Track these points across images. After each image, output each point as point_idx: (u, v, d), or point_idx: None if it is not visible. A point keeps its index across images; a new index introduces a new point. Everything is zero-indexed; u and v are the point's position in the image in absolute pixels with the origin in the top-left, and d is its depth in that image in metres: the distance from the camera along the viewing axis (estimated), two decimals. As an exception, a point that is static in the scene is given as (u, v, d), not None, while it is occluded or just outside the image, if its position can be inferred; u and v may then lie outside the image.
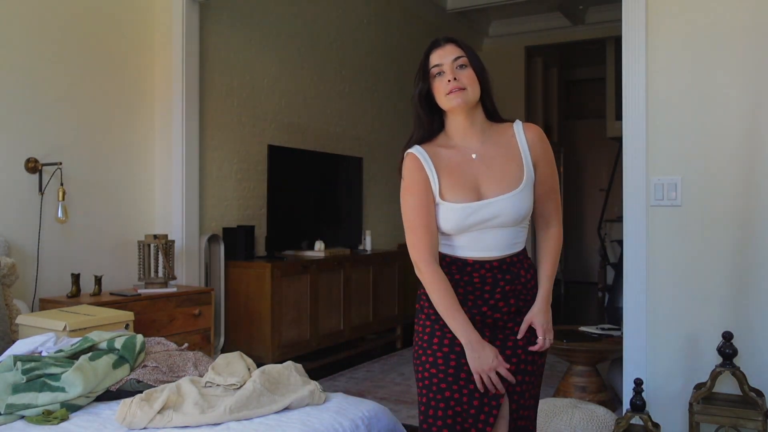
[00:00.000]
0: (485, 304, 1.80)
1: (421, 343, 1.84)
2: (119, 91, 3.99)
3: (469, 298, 1.80)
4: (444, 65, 1.82)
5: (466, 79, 1.81)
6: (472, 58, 1.84)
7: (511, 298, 1.81)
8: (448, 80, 1.80)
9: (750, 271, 2.65)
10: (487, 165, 1.82)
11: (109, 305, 3.26)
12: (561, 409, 2.90)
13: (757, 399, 2.42)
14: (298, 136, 5.40)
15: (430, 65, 1.85)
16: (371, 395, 4.10)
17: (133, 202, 4.08)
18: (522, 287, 1.83)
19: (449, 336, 1.78)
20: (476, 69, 1.84)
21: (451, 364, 1.77)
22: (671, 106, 2.79)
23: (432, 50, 1.87)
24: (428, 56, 1.87)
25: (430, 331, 1.82)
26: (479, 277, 1.80)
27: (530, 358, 1.83)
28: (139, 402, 2.03)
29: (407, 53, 7.03)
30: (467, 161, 1.83)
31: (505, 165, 1.83)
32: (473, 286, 1.80)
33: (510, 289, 1.81)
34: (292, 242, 5.02)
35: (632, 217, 2.85)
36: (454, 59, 1.82)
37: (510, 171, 1.82)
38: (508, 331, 1.82)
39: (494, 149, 1.85)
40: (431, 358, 1.80)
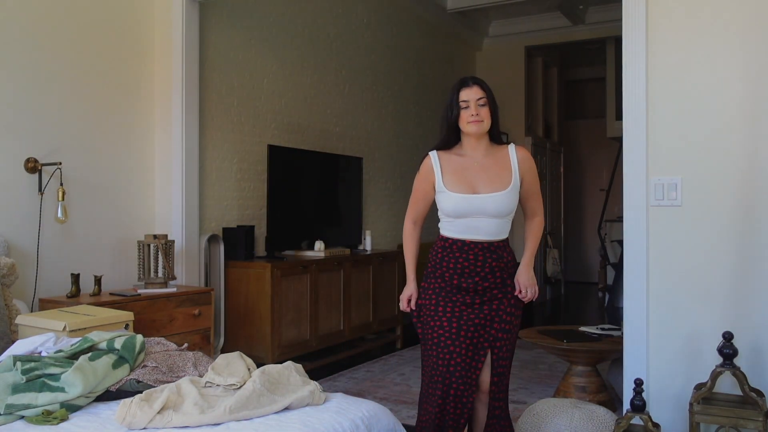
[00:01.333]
0: (477, 276, 2.48)
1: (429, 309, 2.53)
2: (119, 91, 3.99)
3: (466, 271, 2.48)
4: (470, 101, 2.46)
5: (484, 114, 2.46)
6: (490, 99, 2.49)
7: (497, 271, 2.50)
8: (471, 114, 2.45)
9: (750, 271, 2.65)
10: (484, 171, 2.49)
11: (108, 305, 3.26)
12: (561, 409, 2.90)
13: (758, 399, 2.42)
14: (298, 136, 5.40)
15: (459, 99, 2.47)
16: (371, 395, 4.10)
17: (133, 202, 4.08)
18: (504, 265, 2.52)
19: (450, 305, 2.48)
20: (491, 108, 2.49)
21: (453, 325, 2.46)
22: (671, 106, 2.79)
23: (462, 88, 2.49)
24: (459, 91, 2.49)
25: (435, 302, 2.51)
26: (473, 255, 2.48)
27: (508, 318, 2.51)
28: (139, 402, 2.02)
29: (407, 53, 7.03)
30: (470, 166, 2.50)
31: (498, 173, 2.49)
32: (469, 261, 2.48)
33: (496, 266, 2.49)
34: (292, 242, 5.02)
35: (632, 217, 2.85)
36: (478, 98, 2.46)
37: (501, 177, 2.48)
38: (494, 297, 2.49)
39: (492, 161, 2.51)
40: (438, 322, 2.49)
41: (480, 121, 2.45)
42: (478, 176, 2.47)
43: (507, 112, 8.31)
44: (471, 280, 2.47)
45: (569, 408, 2.91)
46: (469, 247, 2.48)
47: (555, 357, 4.50)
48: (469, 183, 2.46)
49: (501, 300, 2.50)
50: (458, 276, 2.49)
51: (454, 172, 2.50)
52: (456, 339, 2.46)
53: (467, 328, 2.46)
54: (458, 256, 2.48)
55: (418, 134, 7.20)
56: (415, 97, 7.15)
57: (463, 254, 2.48)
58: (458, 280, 2.49)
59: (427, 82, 7.40)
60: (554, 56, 9.47)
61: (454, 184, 2.48)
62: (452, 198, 2.47)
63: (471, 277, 2.47)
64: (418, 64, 7.22)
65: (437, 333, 2.48)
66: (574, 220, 10.50)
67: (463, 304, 2.48)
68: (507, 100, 8.29)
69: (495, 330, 2.49)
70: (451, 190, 2.47)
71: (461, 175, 2.48)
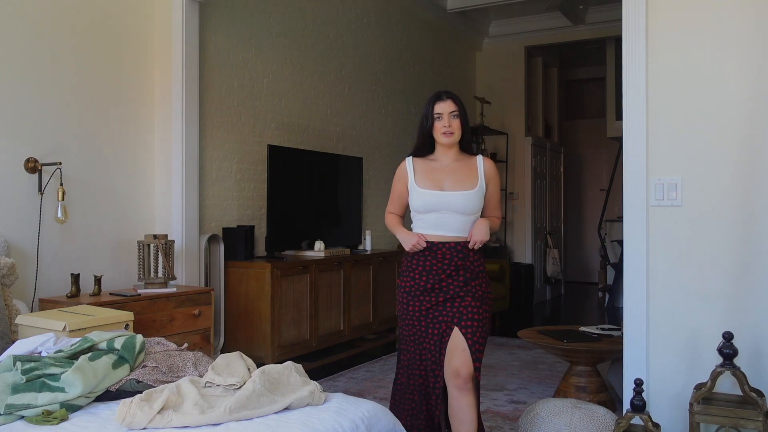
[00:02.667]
0: (444, 273, 2.71)
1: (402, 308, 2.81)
2: (119, 91, 3.99)
3: (433, 269, 2.72)
4: (443, 114, 2.75)
5: (455, 126, 2.75)
6: (461, 112, 2.77)
7: (461, 270, 2.72)
8: (444, 125, 2.74)
9: (750, 271, 2.65)
10: (453, 173, 2.78)
11: (108, 305, 3.26)
12: (561, 409, 2.90)
13: (758, 399, 2.42)
14: (298, 136, 5.40)
15: (434, 111, 2.76)
16: (371, 395, 4.10)
17: (133, 202, 4.08)
18: (470, 264, 2.74)
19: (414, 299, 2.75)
20: (462, 120, 2.77)
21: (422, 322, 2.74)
22: (671, 106, 2.79)
23: (437, 101, 2.77)
24: (434, 104, 2.76)
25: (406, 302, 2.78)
26: (441, 254, 2.73)
27: (472, 313, 2.69)
28: (139, 402, 2.02)
29: (407, 53, 7.03)
30: (440, 169, 2.80)
31: (466, 175, 2.77)
32: (437, 259, 2.73)
33: (461, 264, 2.72)
34: (292, 242, 5.01)
35: (632, 217, 2.85)
36: (450, 111, 2.75)
37: (467, 180, 2.76)
38: (456, 295, 2.70)
39: (460, 166, 2.80)
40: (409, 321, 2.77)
41: (451, 132, 2.73)
42: (447, 177, 2.75)
43: (507, 112, 8.32)
44: (437, 277, 2.70)
45: (569, 408, 2.91)
46: (437, 247, 2.72)
47: (555, 357, 4.50)
48: (438, 182, 2.74)
49: (464, 298, 2.70)
50: (426, 274, 2.72)
51: (424, 172, 2.79)
52: (425, 333, 2.74)
53: (434, 324, 2.72)
54: (427, 255, 2.73)
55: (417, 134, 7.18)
56: (415, 97, 7.15)
57: (432, 253, 2.72)
58: (426, 278, 2.72)
59: (427, 82, 7.39)
60: (554, 56, 9.47)
61: (424, 182, 2.76)
62: (422, 194, 2.74)
63: (438, 275, 2.71)
64: (418, 64, 7.22)
65: (410, 332, 2.78)
66: (574, 220, 10.50)
67: (428, 302, 2.72)
68: (507, 100, 8.30)
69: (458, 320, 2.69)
70: (421, 188, 2.75)
71: (431, 175, 2.77)
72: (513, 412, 3.83)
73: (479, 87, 8.46)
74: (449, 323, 2.68)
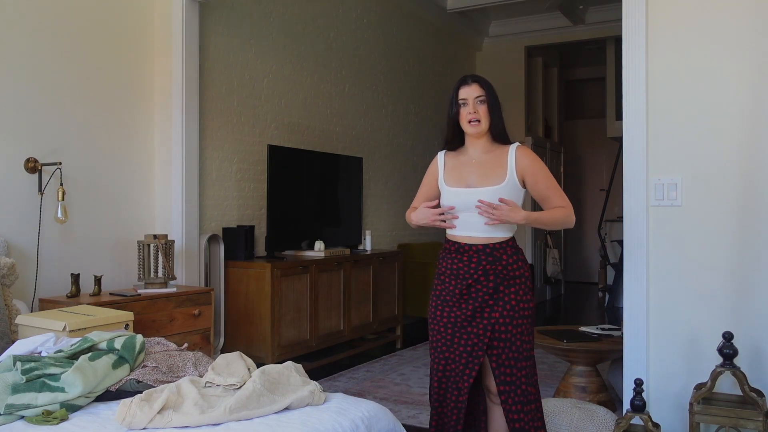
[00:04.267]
0: (471, 278, 2.47)
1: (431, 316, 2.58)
2: (119, 91, 3.99)
3: (460, 273, 2.49)
4: (468, 99, 2.49)
5: (482, 112, 2.48)
6: (489, 97, 2.50)
7: (491, 274, 2.45)
8: (470, 112, 2.48)
9: (750, 271, 2.65)
10: (479, 167, 2.52)
11: (108, 305, 3.26)
12: (561, 409, 2.90)
13: (758, 399, 2.42)
14: (298, 136, 5.40)
15: (459, 97, 2.50)
16: (371, 395, 4.10)
17: (133, 202, 4.08)
18: (502, 268, 2.46)
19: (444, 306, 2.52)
20: (490, 105, 2.50)
21: (449, 332, 2.50)
22: (671, 106, 2.79)
23: (461, 86, 2.51)
24: (458, 90, 2.51)
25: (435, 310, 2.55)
26: (467, 257, 2.48)
27: (503, 329, 2.43)
28: (139, 402, 2.02)
29: (407, 53, 7.03)
30: (467, 163, 2.55)
31: (493, 169, 2.50)
32: (463, 263, 2.49)
33: (491, 269, 2.45)
34: (292, 242, 5.02)
35: (632, 217, 2.85)
36: (476, 96, 2.48)
37: (496, 173, 2.49)
38: (485, 305, 2.45)
39: (489, 158, 2.53)
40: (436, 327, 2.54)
41: (478, 120, 2.47)
42: (473, 172, 2.51)
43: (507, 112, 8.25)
44: (465, 282, 2.47)
45: (569, 408, 2.91)
46: (464, 249, 2.50)
47: (555, 357, 4.50)
48: (463, 178, 2.51)
49: (493, 308, 2.45)
50: (454, 278, 2.50)
51: (452, 169, 2.57)
52: (451, 343, 2.51)
53: (462, 335, 2.48)
54: (454, 257, 2.52)
55: (418, 134, 7.20)
56: (415, 97, 7.15)
57: (459, 255, 2.51)
58: (454, 283, 2.50)
59: (427, 82, 7.39)
60: (554, 56, 9.46)
61: (451, 179, 2.55)
62: (448, 193, 2.53)
63: (465, 279, 2.47)
64: (418, 64, 7.22)
65: (435, 338, 2.56)
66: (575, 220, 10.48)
67: (459, 314, 2.49)
68: (507, 100, 8.24)
69: (489, 339, 2.45)
70: (449, 186, 2.54)
71: (458, 171, 2.55)
72: (513, 412, 3.82)
73: (479, 87, 8.44)
74: (481, 338, 2.45)
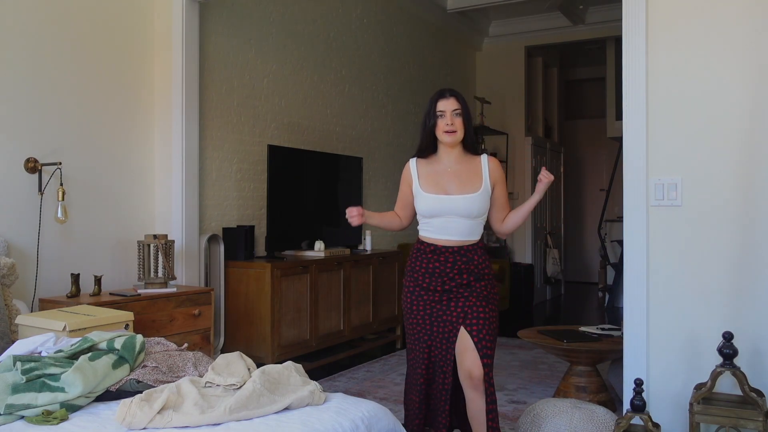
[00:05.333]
0: (446, 276, 2.68)
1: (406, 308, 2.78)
2: (119, 91, 3.99)
3: (436, 272, 2.70)
4: (446, 111, 2.69)
5: (458, 124, 2.69)
6: (464, 110, 2.71)
7: (464, 273, 2.69)
8: (447, 123, 2.68)
9: (750, 271, 2.65)
10: (456, 176, 2.71)
11: (108, 305, 3.26)
12: (561, 409, 2.90)
13: (758, 399, 2.42)
14: (298, 136, 5.40)
15: (437, 109, 2.70)
16: (371, 395, 4.10)
17: (133, 202, 4.08)
18: (474, 267, 2.70)
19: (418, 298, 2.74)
20: (465, 119, 2.71)
21: (426, 321, 2.71)
22: (671, 106, 2.79)
23: (440, 99, 2.71)
24: (436, 102, 2.71)
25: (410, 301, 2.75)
26: (444, 258, 2.70)
27: (476, 309, 2.66)
28: (139, 402, 2.02)
29: (407, 53, 7.03)
30: (443, 171, 2.74)
31: (470, 178, 2.70)
32: (440, 262, 2.69)
33: (465, 268, 2.68)
34: (292, 242, 5.02)
35: (632, 217, 2.85)
36: (453, 109, 2.68)
37: (471, 182, 2.69)
38: (460, 296, 2.68)
39: (463, 168, 2.73)
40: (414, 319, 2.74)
41: (454, 131, 2.67)
42: (450, 180, 2.70)
43: (507, 112, 8.32)
44: (440, 280, 2.68)
45: (569, 408, 2.91)
46: (440, 251, 2.70)
47: (555, 357, 4.50)
48: (442, 186, 2.70)
49: (468, 298, 2.68)
50: (429, 276, 2.71)
51: (428, 176, 2.75)
52: (430, 331, 2.72)
53: (439, 323, 2.70)
54: (431, 258, 2.71)
55: (417, 134, 7.16)
56: (415, 97, 7.15)
57: (435, 256, 2.70)
58: (429, 280, 2.71)
59: (427, 83, 7.39)
60: (554, 56, 9.47)
61: (428, 186, 2.72)
62: (426, 199, 2.71)
63: (441, 277, 2.68)
64: (418, 64, 7.22)
65: (415, 330, 2.75)
66: (574, 220, 10.49)
67: (432, 301, 2.71)
68: (507, 100, 8.30)
69: (464, 319, 2.66)
70: (426, 192, 2.71)
71: (434, 178, 2.72)
72: (513, 412, 3.83)
73: (479, 87, 8.45)
74: (455, 323, 2.67)
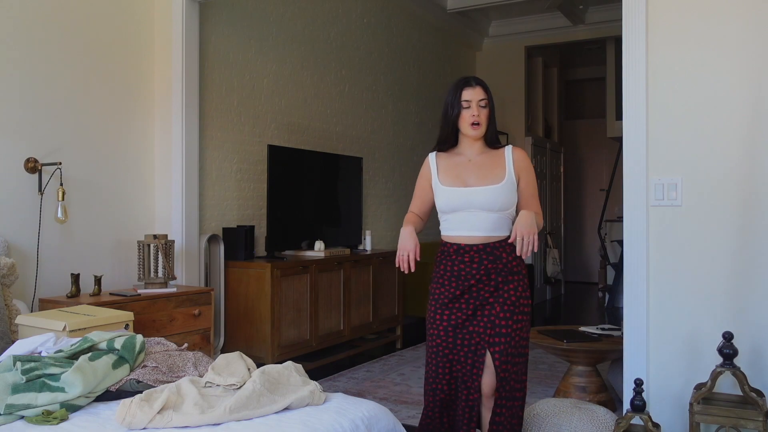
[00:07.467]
0: (473, 278, 2.49)
1: (430, 319, 2.56)
2: (119, 91, 3.99)
3: (462, 275, 2.50)
4: (472, 102, 2.49)
5: (483, 116, 2.51)
6: (490, 101, 2.52)
7: (492, 273, 2.48)
8: (473, 114, 2.49)
9: (750, 271, 2.65)
10: (476, 167, 2.54)
11: (108, 305, 3.26)
12: (561, 409, 2.90)
13: (758, 399, 2.42)
14: (298, 136, 5.40)
15: (462, 98, 2.49)
16: (371, 395, 4.10)
17: (133, 202, 4.08)
18: (502, 267, 2.49)
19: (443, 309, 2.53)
20: (491, 110, 2.53)
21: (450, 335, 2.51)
22: (671, 106, 2.79)
23: (465, 87, 2.50)
24: (461, 90, 2.50)
25: (434, 311, 2.55)
26: (469, 257, 2.50)
27: (503, 323, 2.47)
28: (139, 402, 2.02)
29: (407, 53, 7.03)
30: (463, 163, 2.57)
31: (491, 169, 2.53)
32: (465, 263, 2.50)
33: (492, 267, 2.48)
34: (292, 242, 5.02)
35: (632, 217, 2.85)
36: (479, 99, 2.49)
37: (494, 173, 2.51)
38: (486, 303, 2.49)
39: (485, 160, 2.56)
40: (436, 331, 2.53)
41: (479, 123, 2.49)
42: (470, 172, 2.52)
43: (507, 112, 8.31)
44: (467, 283, 2.49)
45: (569, 408, 2.91)
46: (464, 250, 2.51)
47: (555, 357, 4.50)
48: (461, 178, 2.52)
49: (493, 305, 2.49)
50: (455, 280, 2.51)
51: (447, 169, 2.57)
52: (454, 345, 2.52)
53: (464, 334, 2.51)
54: (454, 259, 2.52)
55: (418, 134, 7.20)
56: (415, 97, 7.15)
57: (459, 257, 2.52)
58: (455, 284, 2.51)
59: (427, 82, 7.39)
60: (554, 56, 9.46)
61: (447, 179, 2.55)
62: (445, 192, 2.54)
63: (467, 280, 2.49)
64: (418, 64, 7.22)
65: (436, 342, 2.55)
66: (574, 220, 10.49)
67: (460, 315, 2.51)
68: (507, 100, 8.30)
69: (489, 336, 2.48)
70: (445, 185, 2.54)
71: (454, 171, 2.55)
72: (513, 412, 3.82)
73: (479, 87, 8.44)
74: (482, 334, 2.48)
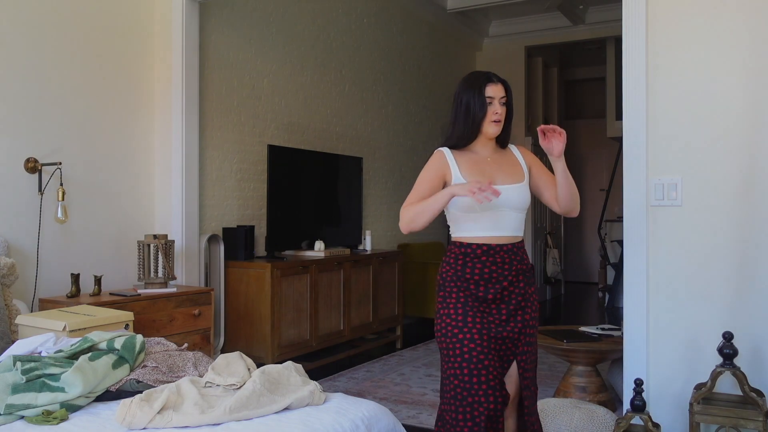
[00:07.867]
0: (506, 280, 2.33)
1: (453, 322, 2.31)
2: (119, 91, 3.99)
3: (493, 278, 2.31)
4: (495, 99, 2.37)
5: (502, 114, 2.39)
6: (509, 100, 2.42)
7: (521, 275, 2.36)
8: (495, 112, 2.36)
9: (750, 271, 2.65)
10: (498, 165, 2.42)
11: (108, 305, 3.26)
12: (561, 409, 2.90)
13: (758, 399, 2.42)
14: (298, 136, 5.40)
15: (486, 94, 2.36)
16: (371, 395, 4.10)
17: (133, 202, 4.08)
18: (526, 268, 2.40)
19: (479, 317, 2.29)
20: (509, 109, 2.42)
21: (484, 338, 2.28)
22: (671, 106, 2.79)
23: (488, 83, 2.37)
24: (484, 86, 2.37)
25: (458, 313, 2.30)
26: (501, 258, 2.33)
27: (532, 332, 2.38)
28: (139, 402, 2.02)
29: (407, 53, 7.03)
30: (485, 162, 2.42)
31: (512, 167, 2.44)
32: (497, 265, 2.32)
33: (521, 269, 2.37)
34: (292, 242, 5.02)
35: (632, 217, 2.85)
36: (501, 97, 2.38)
37: (515, 171, 2.43)
38: (518, 307, 2.34)
39: (502, 158, 2.46)
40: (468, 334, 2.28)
41: (500, 122, 2.36)
42: (494, 170, 2.37)
43: (507, 112, 8.31)
44: (499, 286, 2.30)
45: (569, 408, 2.91)
46: (494, 251, 2.32)
47: (555, 357, 4.50)
48: (488, 175, 2.35)
49: (525, 309, 2.35)
50: (484, 284, 2.31)
51: (469, 166, 2.37)
52: (488, 353, 2.27)
53: (497, 339, 2.30)
54: (484, 261, 2.31)
55: (418, 134, 7.20)
56: (415, 97, 7.15)
57: (490, 258, 2.31)
58: (484, 288, 2.31)
59: (427, 82, 7.39)
60: (554, 56, 9.46)
61: (471, 176, 2.33)
62: None
63: (499, 283, 2.31)
64: (418, 64, 7.22)
65: (468, 347, 2.27)
66: (574, 220, 10.49)
67: (489, 315, 2.30)
68: (507, 100, 8.29)
69: (521, 343, 2.35)
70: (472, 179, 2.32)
71: (476, 168, 2.36)
72: (513, 412, 3.82)
73: (479, 87, 8.44)
74: (515, 340, 2.34)
